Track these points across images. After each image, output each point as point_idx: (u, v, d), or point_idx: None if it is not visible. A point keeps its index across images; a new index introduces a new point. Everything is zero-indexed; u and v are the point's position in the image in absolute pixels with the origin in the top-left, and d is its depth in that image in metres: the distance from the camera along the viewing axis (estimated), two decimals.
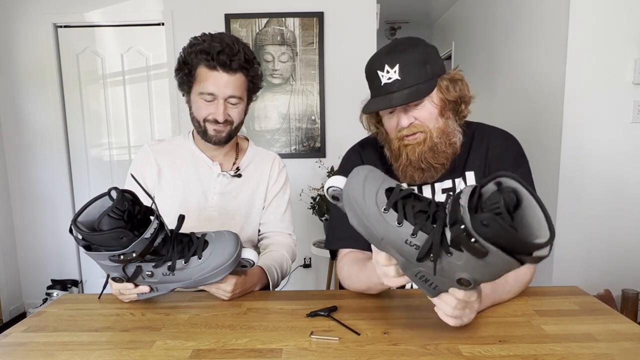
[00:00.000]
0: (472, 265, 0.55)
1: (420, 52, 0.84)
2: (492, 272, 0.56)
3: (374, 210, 0.60)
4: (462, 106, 0.89)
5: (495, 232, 0.49)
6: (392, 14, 4.18)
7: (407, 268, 0.62)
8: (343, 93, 2.57)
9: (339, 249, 0.98)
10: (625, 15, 1.89)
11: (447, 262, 0.57)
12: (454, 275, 0.58)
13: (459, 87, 0.87)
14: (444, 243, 0.56)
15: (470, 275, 0.56)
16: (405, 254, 0.60)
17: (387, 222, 0.59)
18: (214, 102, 1.02)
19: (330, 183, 0.68)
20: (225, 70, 1.00)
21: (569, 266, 2.04)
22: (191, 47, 1.02)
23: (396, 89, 0.83)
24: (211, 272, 0.79)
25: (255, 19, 2.55)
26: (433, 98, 0.85)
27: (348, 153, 1.04)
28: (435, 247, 0.56)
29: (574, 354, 0.61)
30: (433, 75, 0.85)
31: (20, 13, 2.54)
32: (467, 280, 0.57)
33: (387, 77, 0.83)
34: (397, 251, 0.60)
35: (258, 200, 1.15)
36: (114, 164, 2.73)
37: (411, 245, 0.58)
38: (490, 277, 0.57)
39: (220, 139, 1.06)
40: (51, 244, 2.73)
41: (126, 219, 0.72)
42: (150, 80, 2.65)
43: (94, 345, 0.67)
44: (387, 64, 0.83)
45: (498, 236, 0.49)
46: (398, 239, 0.59)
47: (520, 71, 2.51)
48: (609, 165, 1.96)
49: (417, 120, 0.86)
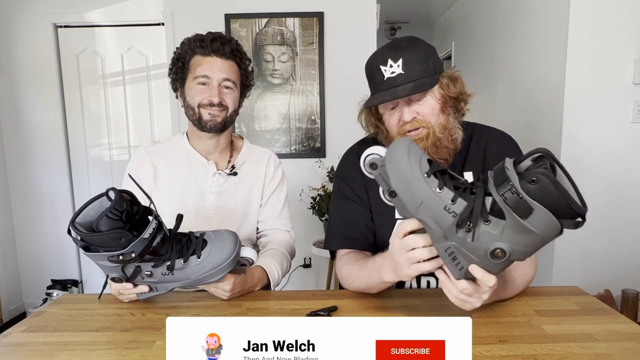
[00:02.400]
0: (511, 233, 0.56)
1: (422, 49, 0.86)
2: (529, 241, 0.57)
3: (418, 172, 0.61)
4: (462, 104, 0.90)
5: (543, 187, 0.52)
6: (392, 14, 4.18)
7: (438, 241, 0.62)
8: (343, 93, 2.57)
9: (338, 249, 0.98)
10: (625, 15, 1.89)
11: (484, 231, 0.58)
12: (488, 246, 0.59)
13: (459, 85, 0.88)
14: (483, 211, 0.58)
15: (507, 245, 0.58)
16: (441, 222, 0.61)
17: (429, 186, 0.61)
18: (209, 86, 1.04)
19: (369, 151, 0.69)
20: (218, 56, 1.05)
21: (569, 266, 2.04)
22: (184, 44, 1.07)
23: (400, 82, 0.83)
24: (210, 271, 0.79)
25: (255, 19, 2.55)
26: (435, 94, 0.86)
27: (346, 154, 1.04)
28: (476, 212, 0.58)
29: (574, 354, 0.61)
30: (435, 71, 0.86)
31: (20, 13, 2.54)
32: (502, 251, 0.58)
33: (391, 71, 0.84)
34: (433, 219, 0.61)
35: (255, 198, 1.15)
36: (114, 164, 2.73)
37: (449, 212, 0.60)
38: (527, 247, 0.58)
39: (216, 124, 1.06)
40: (51, 244, 2.73)
41: (124, 220, 0.72)
42: (150, 80, 2.65)
43: (94, 345, 0.67)
44: (391, 59, 0.84)
45: (545, 193, 0.52)
46: (438, 204, 0.60)
47: (520, 71, 2.51)
48: (609, 165, 1.96)
49: (419, 115, 0.86)
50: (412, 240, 0.66)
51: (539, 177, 0.52)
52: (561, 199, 0.53)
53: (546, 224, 0.54)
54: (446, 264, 0.64)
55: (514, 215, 0.55)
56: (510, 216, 0.55)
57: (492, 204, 0.58)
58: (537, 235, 0.56)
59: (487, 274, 0.61)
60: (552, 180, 0.52)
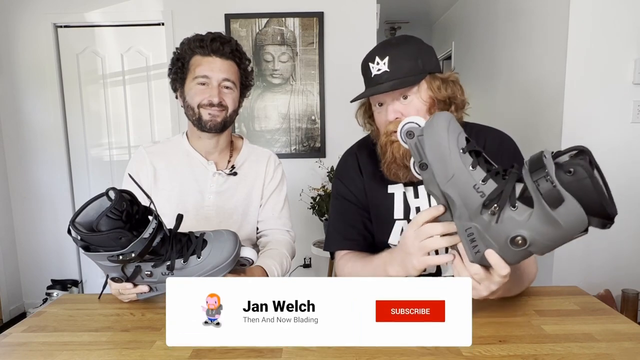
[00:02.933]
0: (536, 222, 0.56)
1: (411, 48, 0.85)
2: (552, 234, 0.56)
3: (455, 146, 0.61)
4: (452, 107, 0.88)
5: (579, 179, 0.52)
6: (392, 14, 4.18)
7: (461, 218, 0.62)
8: (343, 93, 2.56)
9: (338, 250, 0.98)
10: (625, 15, 1.89)
11: (509, 216, 0.58)
12: (510, 232, 0.58)
13: (451, 89, 0.86)
14: (512, 195, 0.58)
15: (529, 234, 0.57)
16: (468, 200, 0.61)
17: (463, 162, 0.61)
18: (209, 86, 1.04)
19: (409, 119, 0.70)
20: (218, 56, 1.05)
21: (569, 266, 2.04)
22: (183, 44, 1.07)
23: (384, 80, 0.84)
24: (210, 271, 0.78)
25: (255, 19, 2.55)
26: (422, 95, 0.85)
27: (345, 155, 1.04)
28: (505, 194, 0.57)
29: (574, 354, 0.61)
30: (424, 71, 0.85)
31: (20, 13, 2.54)
32: (523, 239, 0.57)
33: (377, 68, 0.85)
34: (460, 195, 0.61)
35: (255, 198, 1.15)
36: (114, 164, 2.73)
37: (478, 192, 0.60)
38: (548, 239, 0.57)
39: (216, 124, 1.06)
40: (51, 244, 2.73)
41: (125, 220, 0.72)
42: (150, 80, 2.65)
43: (94, 345, 0.67)
44: (378, 56, 0.85)
45: (579, 185, 0.52)
46: (468, 181, 0.60)
47: (520, 71, 2.50)
48: (608, 165, 1.95)
49: (403, 115, 0.84)
50: (430, 227, 0.66)
51: (576, 168, 0.52)
52: (594, 195, 0.52)
53: (574, 218, 0.53)
54: (463, 244, 0.64)
55: (543, 203, 0.54)
56: (539, 204, 0.55)
57: (522, 190, 0.58)
58: (561, 229, 0.55)
59: (502, 262, 0.61)
60: (590, 174, 0.51)
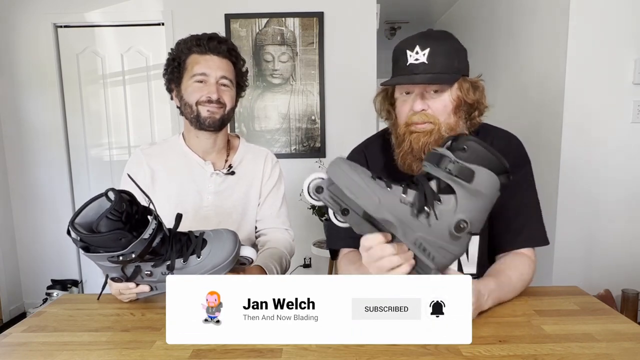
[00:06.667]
0: (464, 202, 0.63)
1: (452, 46, 0.86)
2: (480, 205, 0.64)
3: (366, 177, 0.64)
4: (476, 112, 0.89)
5: (474, 150, 0.62)
6: (392, 14, 4.17)
7: (406, 234, 0.65)
8: (343, 93, 2.56)
9: (340, 248, 0.98)
10: (625, 15, 1.89)
11: (440, 210, 0.63)
12: (451, 221, 0.63)
13: (478, 94, 0.88)
14: (434, 192, 0.64)
15: (465, 215, 0.63)
16: (401, 215, 0.64)
17: (380, 186, 0.64)
18: (207, 83, 1.05)
19: (311, 177, 0.69)
20: (215, 54, 1.06)
21: (569, 266, 2.04)
22: (179, 44, 1.08)
23: (420, 71, 0.83)
24: (210, 270, 0.78)
25: (255, 19, 2.55)
26: (452, 93, 0.86)
27: (352, 153, 1.03)
28: (428, 192, 0.63)
29: (574, 354, 0.61)
30: (459, 71, 0.86)
31: (20, 13, 2.54)
32: (464, 221, 0.63)
33: (415, 57, 0.84)
34: (393, 214, 0.63)
35: (253, 197, 1.15)
36: (114, 164, 2.73)
37: (405, 204, 0.64)
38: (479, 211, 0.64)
39: (215, 121, 1.06)
40: (51, 244, 2.73)
41: (124, 220, 0.72)
42: (150, 81, 2.65)
43: (94, 345, 0.67)
44: (419, 46, 0.84)
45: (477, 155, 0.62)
46: (393, 199, 0.64)
47: (520, 71, 2.50)
48: (609, 165, 1.96)
49: (430, 109, 0.85)
50: (378, 249, 0.67)
51: (467, 144, 0.62)
52: (491, 157, 0.62)
53: (488, 182, 0.62)
54: (419, 256, 0.66)
55: (461, 181, 0.62)
56: (459, 185, 0.62)
57: (437, 185, 0.65)
58: (484, 196, 0.63)
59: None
60: (479, 142, 0.62)
